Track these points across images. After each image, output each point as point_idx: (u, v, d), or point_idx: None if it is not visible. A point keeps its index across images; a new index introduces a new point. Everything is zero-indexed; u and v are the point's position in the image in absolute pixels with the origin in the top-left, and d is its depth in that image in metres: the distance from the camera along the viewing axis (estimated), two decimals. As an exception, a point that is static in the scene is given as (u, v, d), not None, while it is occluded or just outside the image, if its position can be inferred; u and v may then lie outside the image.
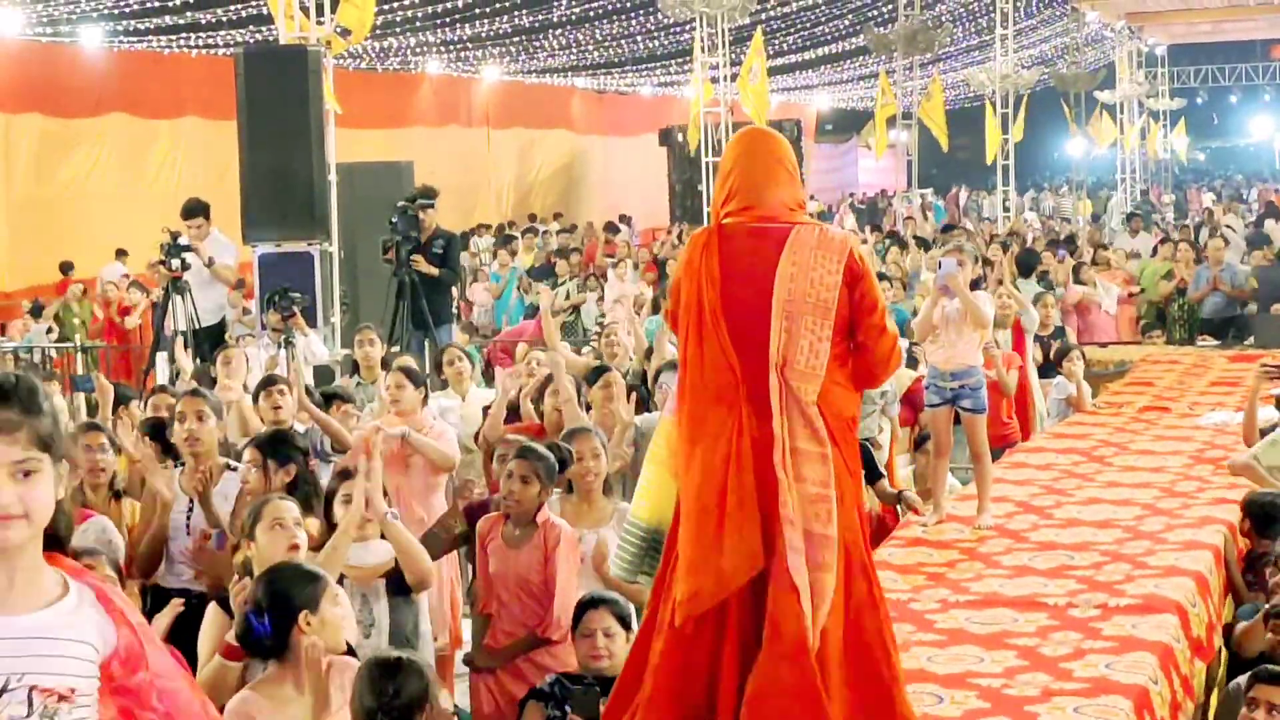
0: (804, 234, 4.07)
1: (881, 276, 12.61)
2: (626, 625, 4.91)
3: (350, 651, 4.16)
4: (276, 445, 5.67)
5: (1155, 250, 18.15)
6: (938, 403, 6.85)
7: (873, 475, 6.93)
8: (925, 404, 7.05)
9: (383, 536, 5.04)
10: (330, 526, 5.04)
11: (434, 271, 11.03)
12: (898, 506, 7.01)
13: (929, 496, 7.17)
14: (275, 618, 3.98)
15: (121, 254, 19.61)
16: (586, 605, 4.96)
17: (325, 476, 6.44)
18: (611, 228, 27.43)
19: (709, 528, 3.93)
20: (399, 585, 5.07)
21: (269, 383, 7.16)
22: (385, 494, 5.12)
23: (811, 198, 37.68)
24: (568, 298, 16.92)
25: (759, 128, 4.41)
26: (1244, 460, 7.73)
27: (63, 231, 21.31)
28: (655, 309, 11.91)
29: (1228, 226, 20.28)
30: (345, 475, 5.19)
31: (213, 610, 4.65)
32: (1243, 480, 7.48)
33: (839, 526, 3.94)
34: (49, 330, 15.78)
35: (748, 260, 4.06)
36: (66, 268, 19.15)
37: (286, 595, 3.98)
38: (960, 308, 6.68)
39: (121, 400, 7.86)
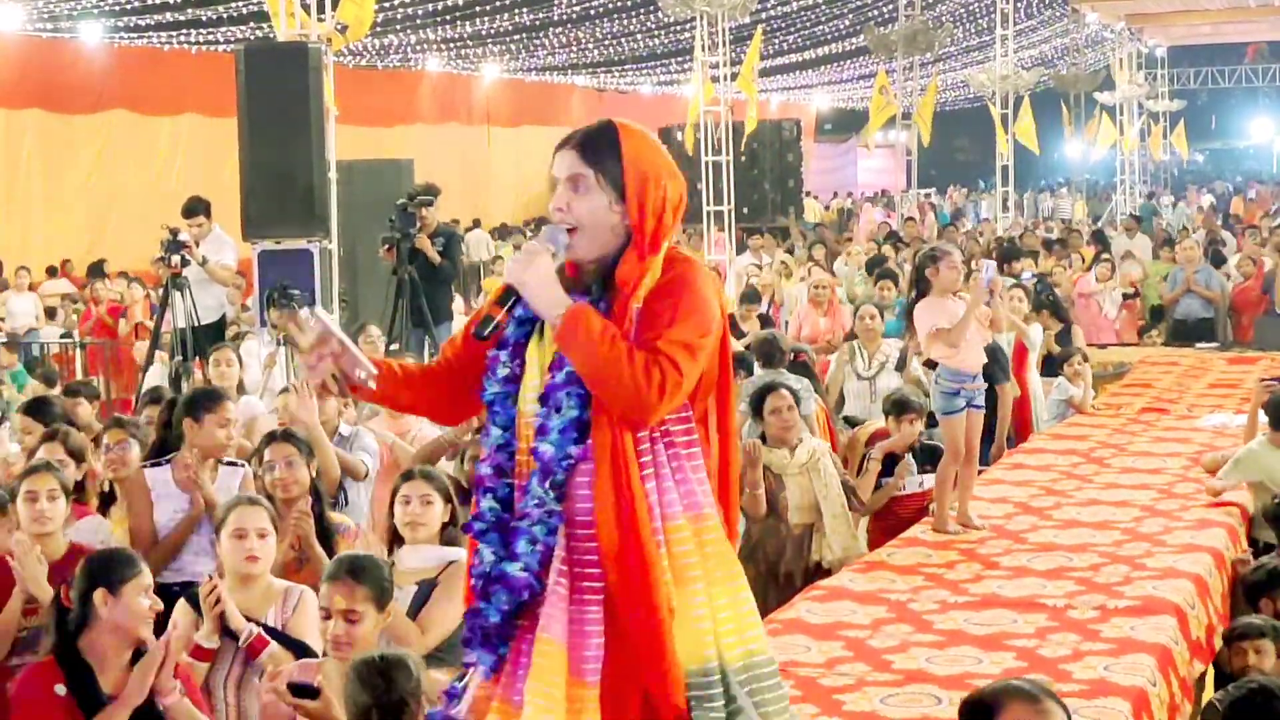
0: None
1: (888, 274, 12.66)
2: None
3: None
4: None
5: (1156, 253, 18.21)
6: (963, 406, 6.68)
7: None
8: (946, 410, 6.71)
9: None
10: None
11: (437, 257, 11.04)
12: None
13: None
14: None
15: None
16: None
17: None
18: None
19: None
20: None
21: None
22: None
23: (837, 195, 37.72)
24: None
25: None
26: (1216, 457, 7.77)
27: (64, 228, 21.33)
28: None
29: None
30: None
31: (181, 606, 4.65)
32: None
33: None
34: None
35: None
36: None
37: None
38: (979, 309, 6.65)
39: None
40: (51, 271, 19.07)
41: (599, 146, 3.28)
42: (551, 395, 3.17)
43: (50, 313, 16.50)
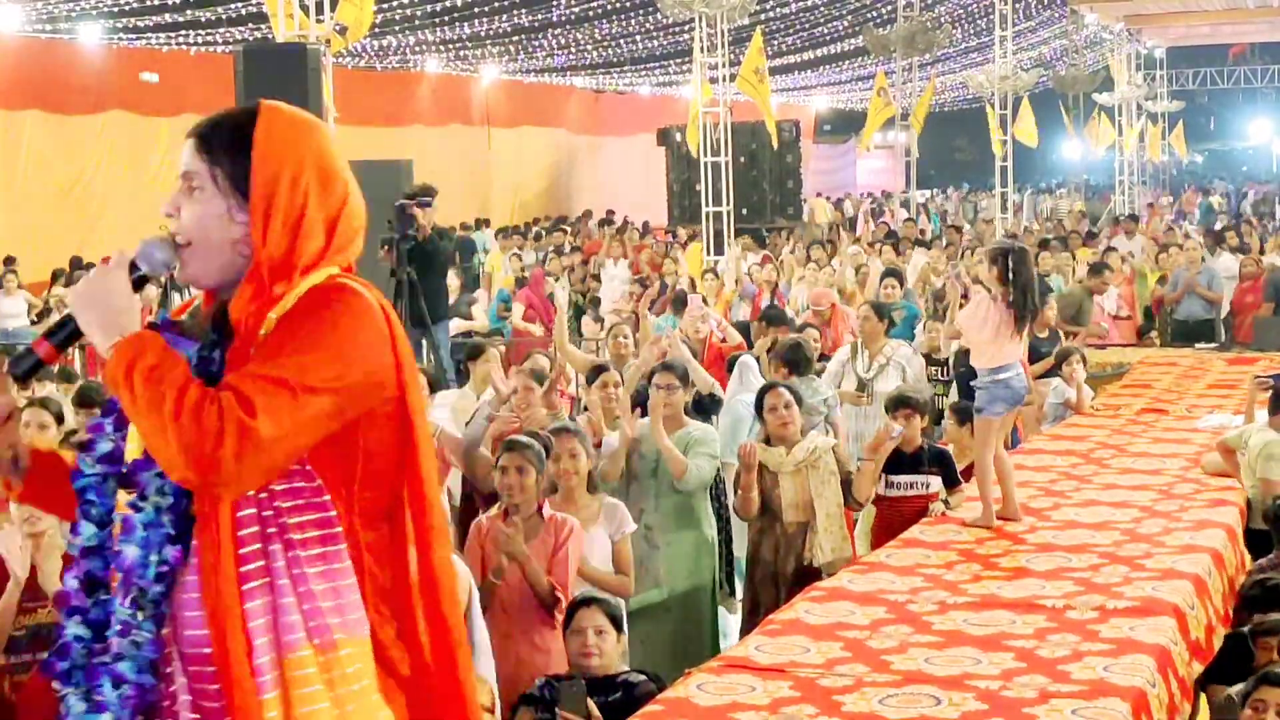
0: None
1: (893, 273, 12.70)
2: (618, 625, 4.93)
3: None
4: None
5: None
6: None
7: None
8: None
9: None
10: None
11: (430, 233, 11.07)
12: None
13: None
14: None
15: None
16: (579, 603, 4.98)
17: None
18: (606, 223, 27.52)
19: None
20: None
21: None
22: None
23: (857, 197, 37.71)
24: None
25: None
26: (1216, 459, 7.77)
27: (63, 228, 21.33)
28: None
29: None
30: None
31: None
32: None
33: None
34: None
35: None
36: None
37: None
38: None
39: None
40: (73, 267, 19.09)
41: (224, 136, 2.48)
42: (137, 475, 2.37)
43: (45, 314, 16.49)
